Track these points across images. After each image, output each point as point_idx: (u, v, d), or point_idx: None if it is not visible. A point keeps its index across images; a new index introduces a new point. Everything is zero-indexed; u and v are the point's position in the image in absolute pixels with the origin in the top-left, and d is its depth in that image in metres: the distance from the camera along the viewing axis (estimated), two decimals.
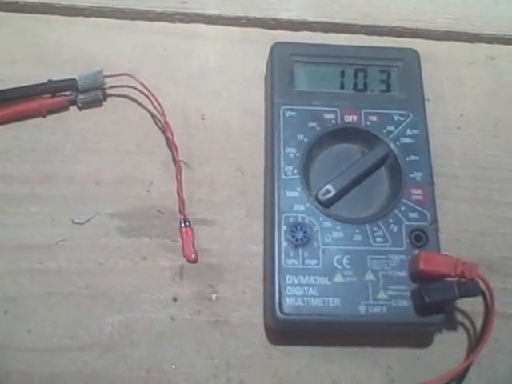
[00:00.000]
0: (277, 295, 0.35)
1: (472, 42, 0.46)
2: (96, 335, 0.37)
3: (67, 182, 0.40)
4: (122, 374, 0.36)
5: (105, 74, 0.41)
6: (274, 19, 0.45)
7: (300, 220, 0.36)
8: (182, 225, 0.39)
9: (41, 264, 0.38)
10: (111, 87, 0.42)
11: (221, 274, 0.38)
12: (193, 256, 0.38)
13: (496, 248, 0.40)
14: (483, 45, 0.46)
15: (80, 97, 0.41)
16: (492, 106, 0.44)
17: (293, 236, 0.36)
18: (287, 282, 0.35)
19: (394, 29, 0.46)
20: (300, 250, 0.36)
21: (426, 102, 0.41)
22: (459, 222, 0.40)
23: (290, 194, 0.37)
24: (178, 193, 0.40)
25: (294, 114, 0.39)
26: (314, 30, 0.45)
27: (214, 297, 0.38)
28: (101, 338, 0.37)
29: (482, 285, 0.34)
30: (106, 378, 0.36)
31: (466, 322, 0.38)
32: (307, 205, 0.37)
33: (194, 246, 0.39)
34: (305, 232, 0.36)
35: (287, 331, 0.37)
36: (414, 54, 0.41)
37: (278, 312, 0.35)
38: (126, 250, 0.39)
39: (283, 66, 0.40)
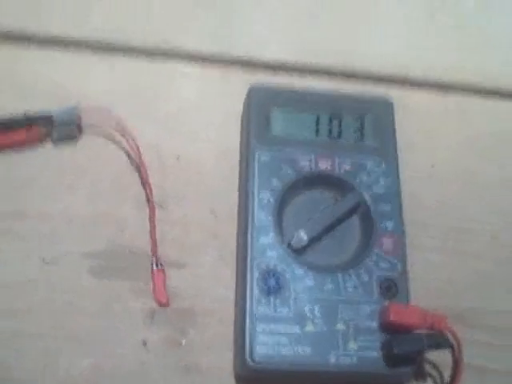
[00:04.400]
0: (247, 342, 0.35)
1: (445, 92, 0.47)
2: (62, 379, 0.36)
3: (40, 219, 0.39)
4: None
5: (81, 108, 0.41)
6: (254, 60, 0.46)
7: (272, 267, 0.36)
8: (154, 267, 0.39)
9: (10, 303, 0.37)
10: (87, 123, 0.41)
11: (192, 319, 0.38)
12: (164, 300, 0.38)
13: (464, 298, 0.40)
14: (455, 96, 0.47)
15: (55, 131, 0.41)
16: (463, 157, 0.45)
17: (265, 283, 0.36)
18: (258, 329, 0.35)
19: (371, 74, 0.46)
20: (272, 297, 0.36)
21: (398, 151, 0.41)
22: (428, 271, 0.40)
23: (262, 240, 0.37)
24: (150, 234, 0.39)
25: (268, 158, 0.39)
26: (293, 72, 0.46)
27: (184, 342, 0.38)
28: (67, 381, 0.36)
29: (450, 337, 0.35)
30: None
31: (435, 373, 0.38)
32: (280, 251, 0.37)
33: (165, 290, 0.38)
34: (277, 279, 0.36)
35: (257, 379, 0.37)
36: (387, 103, 0.42)
37: (249, 360, 0.35)
38: (97, 291, 0.38)
39: (260, 110, 0.40)
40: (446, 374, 0.37)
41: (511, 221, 0.43)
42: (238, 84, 0.44)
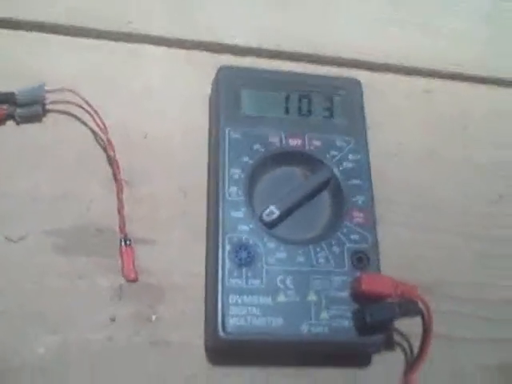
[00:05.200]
0: (220, 314, 0.35)
1: (410, 74, 0.48)
2: (28, 357, 0.35)
3: (3, 198, 0.38)
4: None
5: (46, 88, 0.40)
6: (219, 44, 0.46)
7: (244, 240, 0.36)
8: (123, 243, 0.38)
9: None
10: (52, 103, 0.41)
11: (161, 295, 0.38)
12: (132, 275, 0.38)
13: (432, 272, 0.41)
14: (420, 78, 0.48)
15: (18, 111, 0.40)
16: (427, 136, 0.46)
17: (236, 256, 0.36)
18: (230, 301, 0.35)
19: (335, 59, 0.47)
20: (244, 269, 0.36)
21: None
22: (396, 245, 0.41)
23: (234, 214, 0.37)
24: (118, 211, 0.39)
25: (239, 136, 0.39)
26: (258, 56, 0.46)
27: (153, 317, 0.37)
28: (33, 360, 0.35)
29: (420, 305, 0.35)
30: None
31: (404, 343, 0.39)
32: (251, 225, 0.37)
33: (133, 266, 0.38)
34: (249, 252, 0.36)
35: (229, 351, 0.36)
36: (356, 83, 0.43)
37: (221, 332, 0.34)
38: (63, 268, 0.37)
39: (229, 90, 0.41)
40: (415, 344, 0.38)
41: (475, 198, 0.44)
42: (204, 66, 0.44)
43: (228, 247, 0.36)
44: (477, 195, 0.45)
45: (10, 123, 0.41)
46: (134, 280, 0.38)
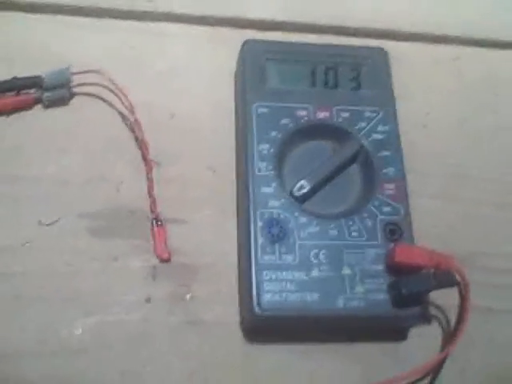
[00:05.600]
0: (254, 291, 0.35)
1: (437, 42, 0.47)
2: (66, 339, 0.35)
3: (33, 183, 0.39)
4: (95, 377, 0.35)
5: (72, 71, 0.40)
6: (242, 18, 0.45)
7: (275, 216, 0.36)
8: (154, 224, 0.38)
9: (7, 267, 0.36)
10: (78, 85, 0.41)
11: (194, 274, 0.38)
12: (166, 255, 0.38)
13: (466, 243, 0.40)
14: (447, 46, 0.47)
15: (46, 94, 0.40)
16: (456, 104, 0.45)
17: (269, 232, 0.36)
18: (264, 277, 0.35)
19: (359, 29, 0.46)
20: (276, 245, 0.36)
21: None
22: (429, 218, 0.40)
23: (264, 190, 0.37)
24: (148, 192, 0.39)
25: (266, 110, 0.39)
26: (283, 30, 0.45)
27: (188, 297, 0.37)
28: (71, 342, 0.35)
29: (457, 275, 0.35)
30: (79, 382, 0.35)
31: (441, 315, 0.38)
32: (282, 200, 0.37)
33: (166, 246, 0.38)
34: (281, 227, 0.36)
35: (264, 328, 0.36)
36: (382, 53, 0.42)
37: (257, 308, 0.34)
38: (96, 251, 0.38)
39: (255, 64, 0.40)
40: (452, 316, 0.37)
41: (509, 166, 0.44)
42: (228, 42, 0.44)
43: (260, 223, 0.36)
44: (511, 163, 0.44)
45: (38, 107, 0.41)
46: (167, 260, 0.38)
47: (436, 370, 0.36)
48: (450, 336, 0.37)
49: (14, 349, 0.35)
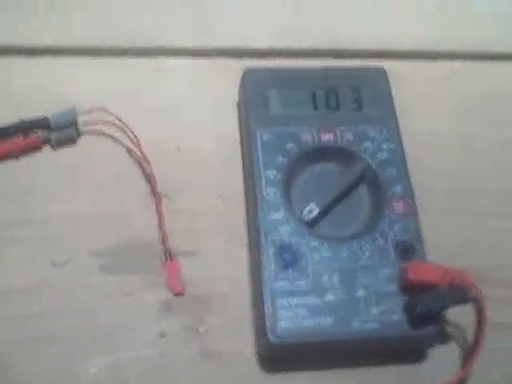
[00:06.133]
0: (268, 319, 0.34)
1: (433, 59, 0.47)
2: (83, 378, 0.35)
3: (44, 223, 0.39)
4: None
5: (77, 111, 0.41)
6: (241, 49, 0.46)
7: (287, 241, 0.36)
8: (166, 258, 0.38)
9: (23, 309, 0.37)
10: (84, 124, 0.41)
11: (208, 305, 0.37)
12: (179, 289, 0.37)
13: (479, 256, 0.40)
14: (443, 61, 0.47)
15: (53, 136, 0.41)
16: (458, 119, 0.45)
17: (281, 257, 0.36)
18: (278, 304, 0.35)
19: (358, 51, 0.46)
20: (289, 271, 0.35)
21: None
22: (439, 234, 0.40)
23: (273, 216, 0.37)
24: (159, 225, 0.39)
25: (270, 136, 0.39)
26: (282, 57, 0.46)
27: (202, 329, 0.37)
28: (88, 381, 0.35)
29: (472, 291, 0.34)
30: None
31: (457, 333, 0.38)
32: (292, 225, 0.37)
33: (179, 279, 0.38)
34: (293, 253, 0.36)
35: (280, 356, 0.36)
36: (381, 72, 0.42)
37: (271, 336, 0.34)
38: (109, 287, 0.38)
39: (256, 91, 0.40)
40: (469, 334, 0.37)
41: None
42: (228, 72, 0.44)
43: (271, 250, 0.36)
44: None
45: (47, 148, 0.41)
46: (181, 293, 0.38)
47: None
48: (468, 354, 0.36)
49: None
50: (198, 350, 0.36)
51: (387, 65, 0.44)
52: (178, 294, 0.38)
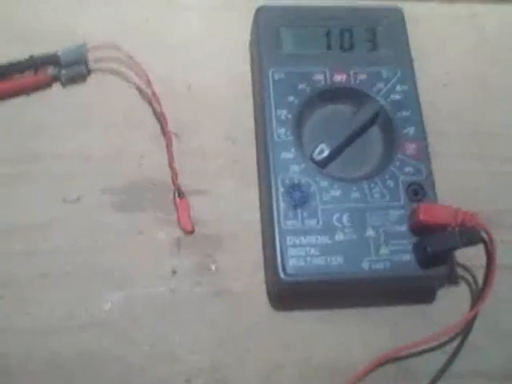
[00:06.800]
0: (279, 257, 0.35)
1: (453, 0, 0.46)
2: (96, 314, 0.36)
3: (55, 160, 0.39)
4: (125, 351, 0.35)
5: (88, 46, 0.40)
6: None
7: (296, 181, 0.36)
8: (176, 196, 0.38)
9: (33, 245, 0.37)
10: (95, 61, 0.41)
11: (219, 244, 0.38)
12: (189, 227, 0.38)
13: (490, 201, 0.40)
14: (464, 3, 0.46)
15: (63, 72, 0.40)
16: (476, 62, 0.44)
17: (290, 197, 0.36)
18: (288, 243, 0.35)
19: None
20: (299, 210, 0.35)
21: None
22: (452, 178, 0.40)
23: (284, 155, 0.37)
24: (169, 164, 0.39)
25: (282, 76, 0.39)
26: None
27: (213, 267, 0.37)
28: (101, 317, 0.36)
29: (483, 232, 0.34)
30: (109, 356, 0.35)
31: (468, 275, 0.38)
32: (303, 165, 0.37)
33: (189, 217, 0.38)
34: (302, 192, 0.36)
35: (291, 295, 0.36)
36: (398, 12, 0.41)
37: (282, 274, 0.34)
38: (121, 225, 0.38)
39: (269, 30, 0.40)
40: (480, 277, 0.37)
41: None
42: (242, 10, 0.43)
43: (281, 189, 0.36)
44: None
45: (57, 85, 0.41)
46: (191, 231, 0.38)
47: (465, 330, 0.36)
48: (478, 296, 0.37)
49: (43, 326, 0.36)
50: (208, 287, 0.37)
51: (405, 5, 0.43)
52: (189, 233, 0.38)
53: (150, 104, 0.41)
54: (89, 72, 0.41)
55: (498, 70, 0.44)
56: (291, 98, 0.38)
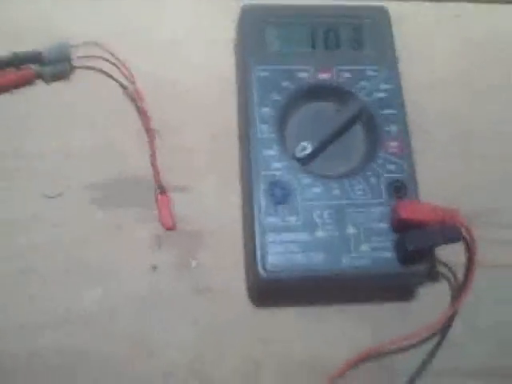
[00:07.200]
0: (259, 253, 0.34)
1: (437, 1, 0.46)
2: (74, 309, 0.36)
3: (37, 156, 0.39)
4: (104, 346, 0.35)
5: (71, 44, 0.40)
6: None
7: (278, 178, 0.36)
8: (158, 193, 0.38)
9: (13, 240, 0.37)
10: (79, 59, 0.41)
11: (200, 241, 0.38)
12: (170, 224, 0.38)
13: (473, 200, 0.40)
14: (448, 3, 0.46)
15: (46, 69, 0.40)
16: (461, 62, 0.45)
17: (272, 194, 0.36)
18: (269, 239, 0.35)
19: None
20: (280, 207, 0.35)
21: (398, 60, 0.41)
22: (436, 177, 0.40)
23: (266, 152, 0.37)
24: (151, 161, 0.39)
25: (267, 74, 0.39)
26: None
27: (194, 264, 0.37)
28: (79, 312, 0.36)
29: (463, 230, 0.34)
30: (87, 353, 0.35)
31: (448, 273, 0.38)
32: (285, 162, 0.36)
33: (170, 214, 0.38)
34: (283, 189, 0.36)
35: (270, 291, 0.36)
36: (383, 12, 0.41)
37: (261, 270, 0.34)
38: (102, 221, 0.38)
39: (254, 28, 0.40)
40: (460, 274, 0.37)
41: None
42: (227, 9, 0.43)
43: (262, 186, 0.36)
44: None
45: (40, 83, 0.41)
46: (172, 228, 0.38)
47: (445, 327, 0.36)
48: (457, 293, 0.37)
49: (21, 321, 0.35)
50: (189, 284, 0.37)
51: (390, 5, 0.43)
52: (170, 229, 0.38)
53: (133, 101, 0.40)
54: (72, 69, 0.41)
55: (482, 70, 0.44)
56: (275, 96, 0.38)
